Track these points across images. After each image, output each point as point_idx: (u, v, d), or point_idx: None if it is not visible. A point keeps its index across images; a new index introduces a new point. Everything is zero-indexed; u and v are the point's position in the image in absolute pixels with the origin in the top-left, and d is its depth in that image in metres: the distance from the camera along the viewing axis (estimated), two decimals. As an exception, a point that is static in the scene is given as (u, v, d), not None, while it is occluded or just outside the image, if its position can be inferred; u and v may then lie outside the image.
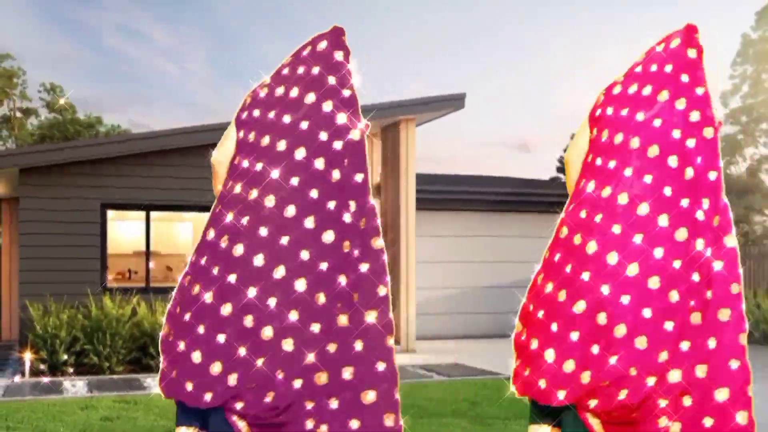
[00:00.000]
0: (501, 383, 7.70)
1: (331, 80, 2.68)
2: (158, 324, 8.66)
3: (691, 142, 2.69)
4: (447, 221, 12.83)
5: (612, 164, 2.73)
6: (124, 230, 12.20)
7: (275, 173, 2.60)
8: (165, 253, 12.50)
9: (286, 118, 2.68)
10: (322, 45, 2.73)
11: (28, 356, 8.26)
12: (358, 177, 2.64)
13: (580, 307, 2.63)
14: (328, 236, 2.58)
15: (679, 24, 2.92)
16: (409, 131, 11.02)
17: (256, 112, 2.74)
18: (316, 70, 2.69)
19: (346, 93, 2.67)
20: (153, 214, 10.29)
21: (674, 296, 2.60)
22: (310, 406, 2.53)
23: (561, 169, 26.82)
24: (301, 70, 2.73)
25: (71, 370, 8.38)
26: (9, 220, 12.40)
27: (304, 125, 2.65)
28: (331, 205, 2.60)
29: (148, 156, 9.91)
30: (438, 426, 5.45)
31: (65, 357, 8.34)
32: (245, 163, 2.66)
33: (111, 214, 10.09)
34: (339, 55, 2.71)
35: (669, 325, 2.58)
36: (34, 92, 27.62)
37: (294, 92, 2.70)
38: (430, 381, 7.96)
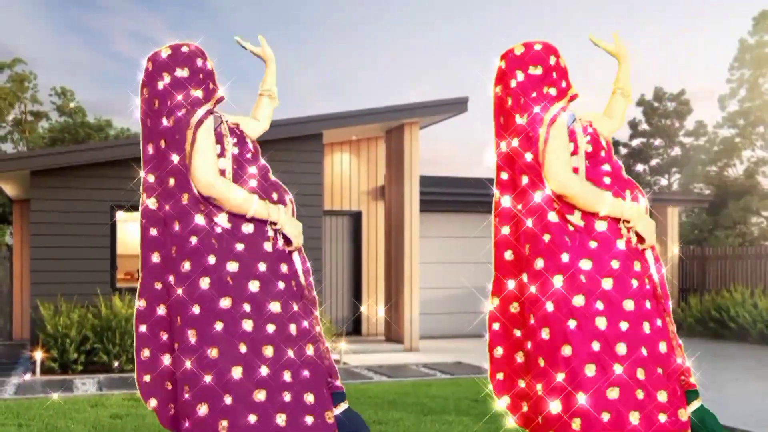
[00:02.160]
0: (503, 382, 7.79)
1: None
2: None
3: None
4: (450, 223, 12.93)
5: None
6: (134, 231, 12.33)
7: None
8: (173, 254, 12.64)
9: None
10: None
11: (39, 355, 8.35)
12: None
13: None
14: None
15: (676, 33, 3.07)
16: (413, 134, 11.12)
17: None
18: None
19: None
20: (161, 215, 10.37)
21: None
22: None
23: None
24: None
25: (81, 368, 8.49)
26: (20, 221, 12.55)
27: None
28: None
29: (157, 158, 10.01)
30: (441, 423, 5.50)
31: (75, 356, 8.46)
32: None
33: (120, 215, 10.20)
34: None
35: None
36: (45, 96, 27.85)
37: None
38: (433, 379, 8.03)
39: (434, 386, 7.42)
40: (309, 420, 2.61)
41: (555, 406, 2.62)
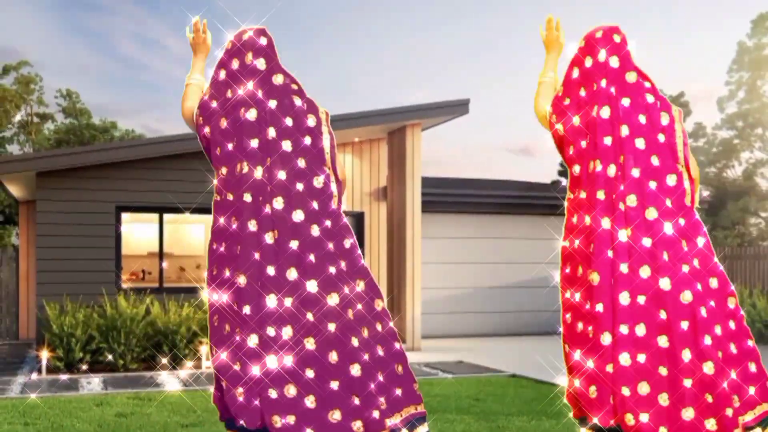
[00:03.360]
0: (504, 380, 7.83)
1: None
2: (171, 323, 8.86)
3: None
4: (452, 223, 12.98)
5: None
6: (138, 232, 12.41)
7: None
8: (178, 254, 12.71)
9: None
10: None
11: (44, 354, 8.40)
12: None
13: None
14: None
15: (679, 37, 3.18)
16: (415, 136, 11.17)
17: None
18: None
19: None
20: (166, 216, 10.42)
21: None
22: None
23: (562, 173, 26.77)
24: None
25: (87, 367, 8.53)
26: (26, 222, 12.64)
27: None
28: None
29: (161, 160, 10.05)
30: (443, 422, 5.53)
31: (81, 355, 8.50)
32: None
33: (125, 216, 10.25)
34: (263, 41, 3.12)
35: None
36: (51, 98, 27.97)
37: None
38: (435, 378, 8.05)
39: (436, 385, 7.45)
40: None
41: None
